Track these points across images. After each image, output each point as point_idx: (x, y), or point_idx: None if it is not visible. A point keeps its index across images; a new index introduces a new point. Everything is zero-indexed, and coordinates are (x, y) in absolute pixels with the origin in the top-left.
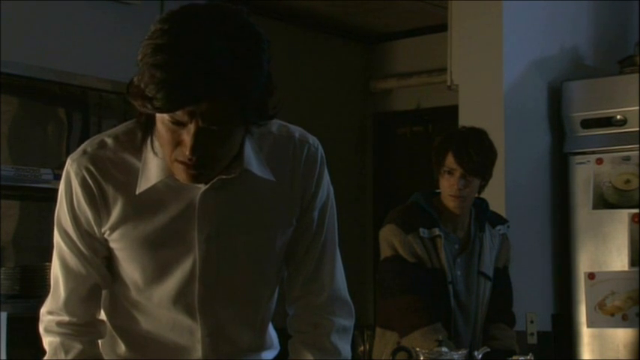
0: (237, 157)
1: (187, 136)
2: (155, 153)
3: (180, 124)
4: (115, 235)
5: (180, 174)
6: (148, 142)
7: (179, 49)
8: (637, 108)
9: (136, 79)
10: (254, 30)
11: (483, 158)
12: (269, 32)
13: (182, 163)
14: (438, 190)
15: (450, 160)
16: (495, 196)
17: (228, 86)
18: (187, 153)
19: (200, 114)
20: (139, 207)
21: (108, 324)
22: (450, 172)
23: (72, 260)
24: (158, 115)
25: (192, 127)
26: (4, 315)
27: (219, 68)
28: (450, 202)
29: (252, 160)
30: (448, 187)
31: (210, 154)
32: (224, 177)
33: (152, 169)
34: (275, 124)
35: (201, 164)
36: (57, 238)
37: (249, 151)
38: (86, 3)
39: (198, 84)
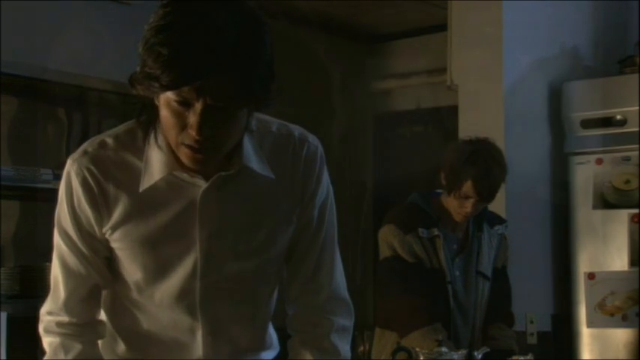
0: (236, 153)
1: (194, 116)
2: (159, 147)
3: (186, 103)
4: (116, 234)
5: (186, 158)
6: (151, 138)
7: (183, 26)
8: (637, 108)
9: (139, 68)
10: (255, 11)
11: (501, 182)
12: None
13: (188, 146)
14: (438, 191)
15: (469, 188)
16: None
17: (235, 61)
18: (194, 133)
19: (207, 90)
20: (141, 206)
21: (108, 324)
22: (466, 197)
23: (72, 260)
24: (163, 100)
25: (198, 105)
26: (4, 315)
27: (225, 43)
28: (458, 218)
29: (252, 157)
30: (459, 207)
31: (215, 136)
32: (224, 174)
33: (155, 166)
34: (275, 123)
35: (206, 147)
36: (57, 238)
37: (248, 148)
38: (86, 3)
39: (205, 59)
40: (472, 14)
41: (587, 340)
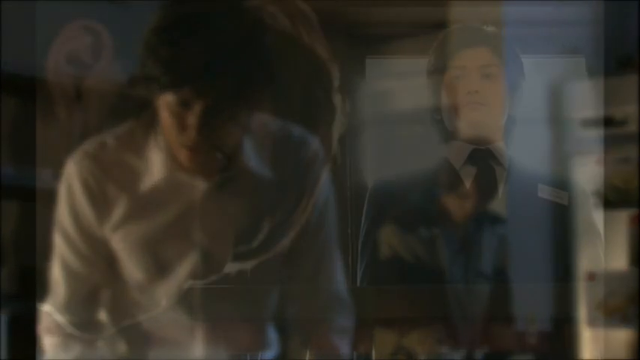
0: (236, 153)
1: (193, 117)
2: (159, 148)
3: (185, 105)
4: (117, 234)
5: (186, 159)
6: (151, 138)
7: (183, 27)
8: (637, 108)
9: (139, 68)
10: (254, 11)
11: (501, 182)
12: None
13: (188, 148)
14: (437, 191)
15: (469, 188)
16: None
17: (234, 62)
18: (193, 134)
19: (206, 91)
20: (141, 206)
21: (108, 324)
22: (466, 197)
23: (72, 260)
24: (162, 100)
25: (197, 106)
26: (3, 315)
27: (225, 44)
28: (458, 218)
29: (252, 158)
30: (459, 207)
31: (214, 136)
32: (224, 174)
33: (155, 166)
34: (275, 123)
35: (206, 148)
36: (57, 238)
37: (248, 149)
38: (86, 3)
39: (204, 59)
40: (472, 14)
41: (588, 340)
